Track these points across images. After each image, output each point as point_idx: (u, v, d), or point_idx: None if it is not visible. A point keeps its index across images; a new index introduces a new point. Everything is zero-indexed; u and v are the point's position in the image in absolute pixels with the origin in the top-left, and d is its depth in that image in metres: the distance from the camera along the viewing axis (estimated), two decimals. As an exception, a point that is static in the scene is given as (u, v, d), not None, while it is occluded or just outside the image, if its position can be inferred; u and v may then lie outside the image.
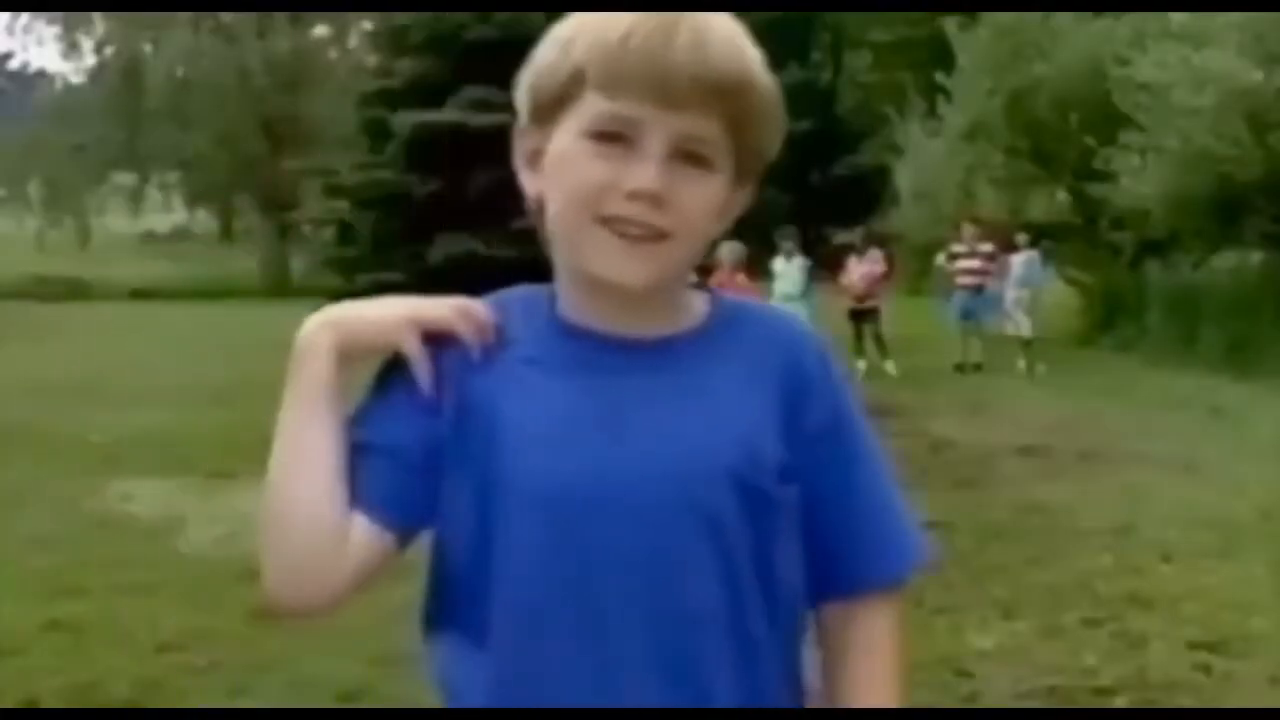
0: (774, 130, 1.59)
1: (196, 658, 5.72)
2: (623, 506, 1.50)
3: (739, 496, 1.53)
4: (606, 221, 1.48)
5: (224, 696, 5.29)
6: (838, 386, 1.64)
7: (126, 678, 5.46)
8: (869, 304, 17.68)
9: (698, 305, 1.63)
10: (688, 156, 1.49)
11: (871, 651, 1.65)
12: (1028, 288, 18.02)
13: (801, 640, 1.66)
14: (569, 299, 1.59)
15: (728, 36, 1.51)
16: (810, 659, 1.67)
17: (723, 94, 1.49)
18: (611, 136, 1.48)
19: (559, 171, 1.52)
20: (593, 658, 1.51)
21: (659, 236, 1.49)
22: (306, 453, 1.52)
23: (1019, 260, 18.06)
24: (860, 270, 17.84)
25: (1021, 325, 17.74)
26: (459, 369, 1.56)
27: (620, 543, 1.50)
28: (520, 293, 1.65)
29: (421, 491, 1.55)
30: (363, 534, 1.53)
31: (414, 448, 1.55)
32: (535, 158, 1.57)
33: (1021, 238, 18.45)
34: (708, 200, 1.52)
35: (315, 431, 1.53)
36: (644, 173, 1.47)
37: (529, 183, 1.59)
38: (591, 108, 1.49)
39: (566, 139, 1.51)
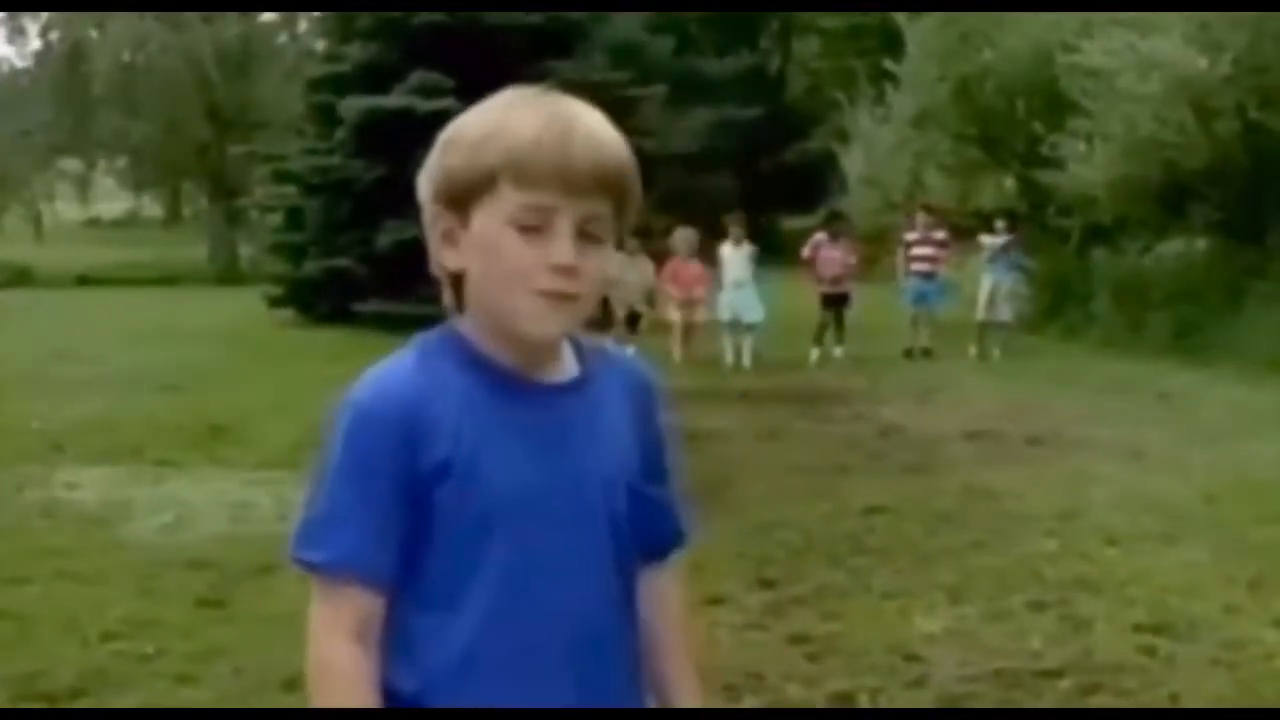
0: (639, 205, 1.98)
1: (142, 645, 5.69)
2: (568, 508, 1.93)
3: (630, 502, 1.98)
4: (538, 294, 1.87)
5: (170, 684, 5.26)
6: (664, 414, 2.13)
7: (72, 666, 5.42)
8: (842, 289, 17.66)
9: (566, 348, 2.02)
10: (586, 234, 1.87)
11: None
12: (1021, 272, 18.10)
13: None
14: (496, 348, 1.93)
15: (611, 133, 1.90)
16: None
17: (614, 182, 1.89)
18: (530, 226, 1.85)
19: (489, 254, 1.88)
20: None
21: (573, 298, 1.89)
22: None
23: (1000, 245, 17.97)
24: (835, 256, 17.82)
25: (1004, 311, 17.72)
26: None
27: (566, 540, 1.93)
28: (442, 344, 1.95)
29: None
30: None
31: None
32: (450, 236, 1.93)
33: (999, 224, 18.34)
34: (602, 267, 1.93)
35: None
36: (562, 251, 1.85)
37: (449, 258, 1.94)
38: (509, 200, 1.86)
39: (488, 225, 1.88)
